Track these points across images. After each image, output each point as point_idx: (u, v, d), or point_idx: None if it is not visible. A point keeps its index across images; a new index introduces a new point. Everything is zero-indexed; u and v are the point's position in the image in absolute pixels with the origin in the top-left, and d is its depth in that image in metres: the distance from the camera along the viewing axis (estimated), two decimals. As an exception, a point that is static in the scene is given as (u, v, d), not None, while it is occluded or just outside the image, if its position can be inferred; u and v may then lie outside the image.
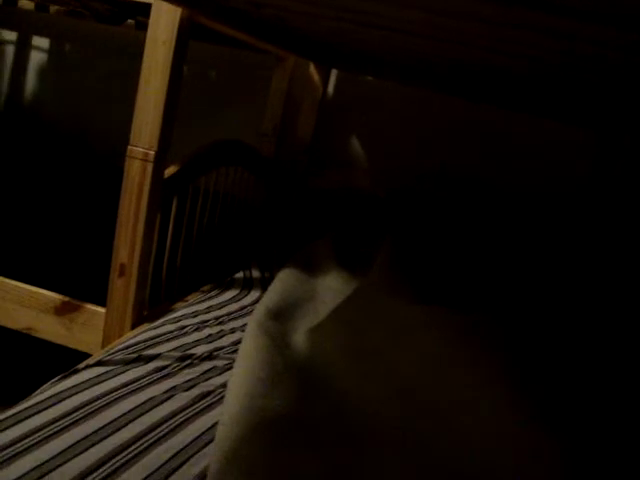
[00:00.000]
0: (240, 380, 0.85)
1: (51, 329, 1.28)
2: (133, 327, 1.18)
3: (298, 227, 1.89)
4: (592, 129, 1.81)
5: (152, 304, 1.27)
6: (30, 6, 2.02)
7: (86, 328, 1.24)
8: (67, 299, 1.28)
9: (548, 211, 1.83)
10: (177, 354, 0.97)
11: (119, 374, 0.88)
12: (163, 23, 1.11)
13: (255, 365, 0.89)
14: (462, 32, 0.91)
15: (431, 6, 0.78)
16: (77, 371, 0.89)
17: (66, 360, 1.08)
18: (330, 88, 2.03)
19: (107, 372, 0.88)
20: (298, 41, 1.60)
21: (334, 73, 2.02)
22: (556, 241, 1.77)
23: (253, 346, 0.94)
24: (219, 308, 1.22)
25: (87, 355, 1.10)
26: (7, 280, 1.31)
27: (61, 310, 1.27)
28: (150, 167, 1.13)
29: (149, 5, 1.14)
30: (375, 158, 2.04)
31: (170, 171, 1.22)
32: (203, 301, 1.24)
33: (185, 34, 1.13)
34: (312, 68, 1.91)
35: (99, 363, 0.91)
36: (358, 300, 1.23)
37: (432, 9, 0.79)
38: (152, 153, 1.13)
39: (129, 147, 1.13)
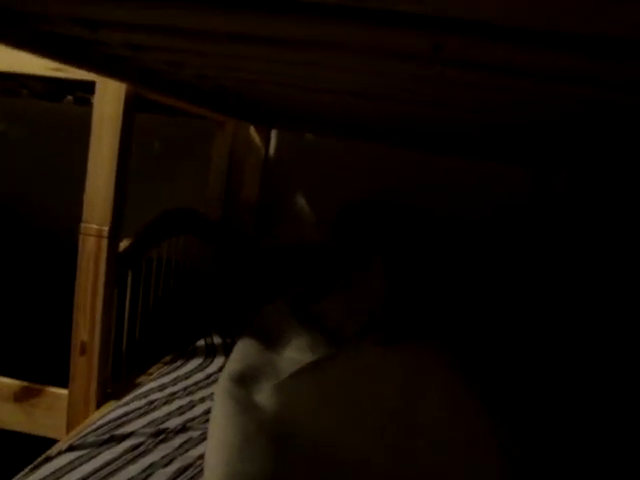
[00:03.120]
0: (216, 449, 0.85)
1: (11, 418, 1.23)
2: (98, 406, 1.15)
3: (254, 288, 1.89)
4: (530, 168, 1.91)
5: (114, 380, 1.24)
6: (-38, 87, 2.00)
7: (49, 412, 1.21)
8: (26, 384, 1.24)
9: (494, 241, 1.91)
10: (150, 430, 0.96)
11: (94, 457, 0.86)
12: (109, 100, 1.13)
13: (227, 432, 0.89)
14: (394, 90, 0.96)
15: (366, 69, 0.82)
16: (49, 459, 0.86)
17: (29, 448, 1.04)
18: (272, 147, 2.07)
19: (81, 456, 0.86)
20: (238, 106, 1.64)
21: (274, 132, 2.07)
22: (503, 267, 1.85)
23: (222, 413, 0.94)
24: (186, 378, 1.20)
25: (52, 441, 1.07)
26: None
27: (21, 396, 1.23)
28: (105, 243, 1.12)
29: (91, 82, 1.16)
30: (321, 210, 2.08)
31: (124, 245, 1.22)
32: (169, 373, 1.22)
33: (131, 109, 1.15)
34: (252, 130, 1.94)
35: (71, 448, 0.89)
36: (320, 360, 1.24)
37: (368, 72, 0.84)
38: (106, 229, 1.12)
39: (82, 224, 1.13)
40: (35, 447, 1.01)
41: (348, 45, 0.66)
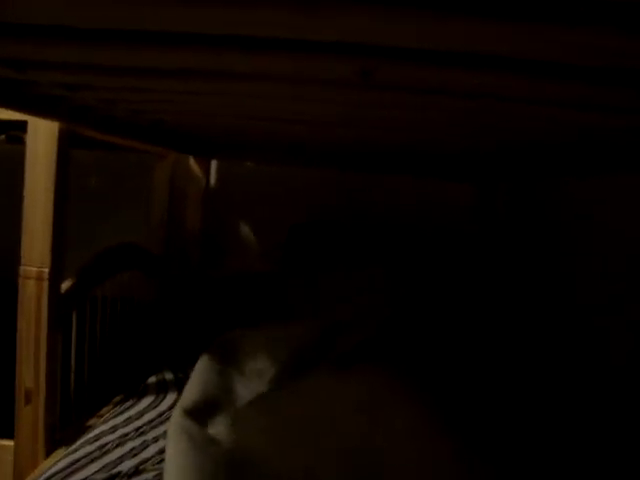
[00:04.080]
0: (173, 492, 0.83)
1: (-48, 475, 1.18)
2: (47, 455, 1.11)
3: (204, 320, 1.86)
4: (473, 183, 1.96)
5: (63, 425, 1.20)
6: None
7: (-6, 466, 1.16)
8: (-32, 438, 1.19)
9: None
10: (103, 475, 0.93)
11: (45, 510, 0.83)
12: (42, 139, 1.10)
13: (183, 471, 0.87)
14: (329, 115, 0.97)
15: (301, 97, 0.83)
16: (-3, 516, 0.83)
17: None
18: (212, 176, 2.07)
19: (31, 510, 0.83)
20: (176, 139, 1.63)
21: (215, 161, 2.06)
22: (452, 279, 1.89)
23: (177, 451, 0.92)
24: (138, 418, 1.17)
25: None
26: None
27: (-38, 451, 1.17)
28: (46, 285, 1.09)
29: (23, 121, 1.14)
30: (267, 237, 2.08)
31: (66, 285, 1.19)
32: (120, 413, 1.19)
33: (65, 146, 1.13)
34: (192, 161, 1.93)
35: (20, 502, 0.85)
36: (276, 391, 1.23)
37: (304, 99, 0.85)
38: (46, 270, 1.09)
39: (21, 267, 1.09)
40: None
41: (275, 75, 0.67)
